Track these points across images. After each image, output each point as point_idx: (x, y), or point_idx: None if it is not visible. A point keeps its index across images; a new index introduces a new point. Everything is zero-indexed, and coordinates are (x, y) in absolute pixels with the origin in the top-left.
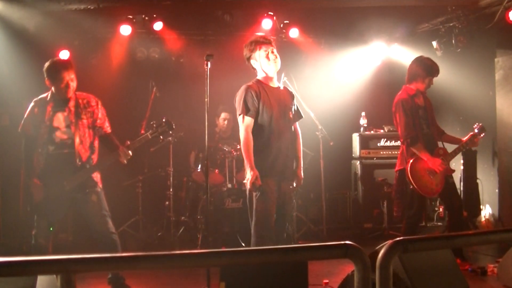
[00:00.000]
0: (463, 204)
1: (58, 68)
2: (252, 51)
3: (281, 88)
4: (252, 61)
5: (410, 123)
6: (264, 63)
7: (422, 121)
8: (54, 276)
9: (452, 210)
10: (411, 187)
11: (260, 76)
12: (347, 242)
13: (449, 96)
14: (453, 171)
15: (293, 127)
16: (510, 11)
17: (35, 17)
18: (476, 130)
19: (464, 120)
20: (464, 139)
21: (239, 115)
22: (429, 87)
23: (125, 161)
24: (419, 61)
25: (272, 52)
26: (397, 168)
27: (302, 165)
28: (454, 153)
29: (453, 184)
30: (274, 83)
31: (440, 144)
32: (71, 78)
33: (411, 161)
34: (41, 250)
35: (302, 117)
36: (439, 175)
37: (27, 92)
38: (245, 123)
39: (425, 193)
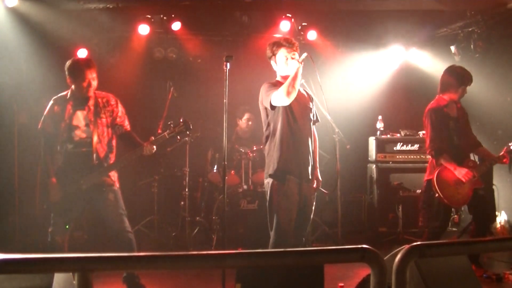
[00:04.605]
0: (491, 218)
1: (81, 66)
2: (273, 52)
3: (301, 90)
4: (272, 62)
5: (436, 135)
6: (283, 67)
7: (452, 132)
8: (71, 274)
9: (479, 223)
10: (437, 195)
11: (279, 77)
12: (364, 246)
13: (466, 102)
14: (482, 184)
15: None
16: None
17: (54, 15)
18: (508, 149)
19: (481, 125)
20: (499, 155)
21: (269, 95)
22: (463, 96)
23: (149, 153)
24: (451, 70)
25: (293, 57)
26: (425, 178)
27: (318, 167)
28: (485, 166)
29: (483, 197)
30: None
31: (472, 156)
32: (93, 77)
33: (437, 171)
34: (57, 247)
35: (318, 120)
36: (466, 186)
37: (45, 90)
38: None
39: (451, 203)
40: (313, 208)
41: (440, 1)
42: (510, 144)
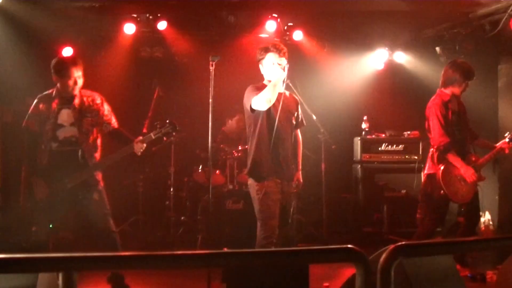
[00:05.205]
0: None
1: (67, 64)
2: (261, 56)
3: (287, 94)
4: (260, 66)
5: (444, 130)
6: (269, 72)
7: (454, 127)
8: (55, 274)
9: (469, 220)
10: (442, 192)
11: (266, 81)
12: (349, 246)
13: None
14: (484, 178)
15: (294, 132)
16: None
17: (39, 13)
18: (507, 140)
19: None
20: (497, 145)
21: (250, 98)
22: (465, 90)
23: (140, 152)
24: (456, 65)
25: (279, 63)
26: (426, 172)
27: (300, 169)
28: (485, 160)
29: (477, 194)
30: (280, 89)
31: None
32: (78, 76)
33: (442, 167)
34: (41, 247)
35: (304, 124)
36: (471, 183)
37: (30, 88)
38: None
39: (456, 199)
40: (293, 207)
41: (408, 4)
42: (506, 135)
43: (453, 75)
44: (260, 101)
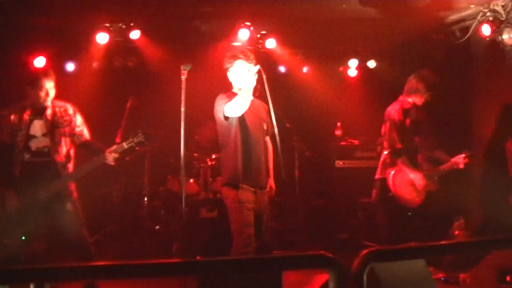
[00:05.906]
0: (448, 221)
1: (38, 75)
2: (230, 64)
3: (257, 101)
4: (228, 74)
5: (396, 136)
6: (238, 79)
7: (410, 135)
8: (27, 286)
9: (434, 224)
10: (390, 194)
11: (235, 89)
12: (322, 252)
13: (425, 108)
14: (435, 187)
15: (264, 139)
16: (483, 25)
17: (11, 23)
18: (463, 155)
19: (439, 131)
20: (452, 159)
21: (223, 106)
22: (427, 101)
23: (113, 163)
24: (420, 76)
25: (248, 70)
26: (377, 177)
27: (272, 176)
28: (439, 171)
29: (437, 198)
30: (251, 96)
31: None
32: (50, 87)
33: (393, 171)
34: (13, 259)
35: (274, 131)
36: (420, 188)
37: (1, 99)
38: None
39: (404, 202)
40: (267, 214)
41: (381, 11)
42: (463, 152)
43: (416, 86)
44: (234, 108)
